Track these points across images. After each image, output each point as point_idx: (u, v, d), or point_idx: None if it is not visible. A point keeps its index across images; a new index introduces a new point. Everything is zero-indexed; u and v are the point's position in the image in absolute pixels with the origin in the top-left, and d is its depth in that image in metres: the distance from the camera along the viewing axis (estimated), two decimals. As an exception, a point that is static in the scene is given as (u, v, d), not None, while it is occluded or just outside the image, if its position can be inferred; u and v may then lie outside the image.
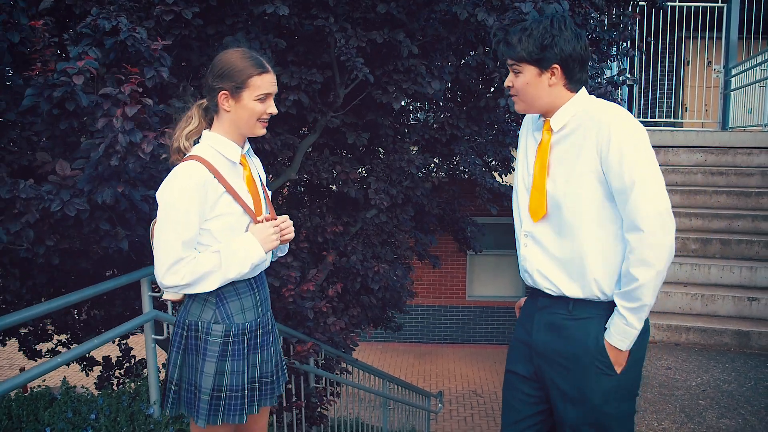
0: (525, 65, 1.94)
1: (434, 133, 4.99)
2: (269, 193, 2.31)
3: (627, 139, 1.83)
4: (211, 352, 2.08)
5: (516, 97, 2.01)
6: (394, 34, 3.85)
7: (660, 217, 1.81)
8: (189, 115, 2.15)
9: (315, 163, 4.69)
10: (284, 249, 2.39)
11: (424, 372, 11.00)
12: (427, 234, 5.94)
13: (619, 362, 1.95)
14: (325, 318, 4.84)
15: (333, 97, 4.34)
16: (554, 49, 1.91)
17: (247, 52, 2.08)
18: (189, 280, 1.98)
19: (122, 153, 2.55)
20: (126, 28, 2.64)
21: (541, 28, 1.91)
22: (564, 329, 1.99)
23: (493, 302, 12.39)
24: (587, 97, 2.00)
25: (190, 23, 3.29)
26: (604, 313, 1.96)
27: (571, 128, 1.95)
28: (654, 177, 1.83)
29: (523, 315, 2.20)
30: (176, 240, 1.96)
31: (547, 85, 1.95)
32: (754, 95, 8.13)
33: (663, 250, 1.81)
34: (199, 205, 1.98)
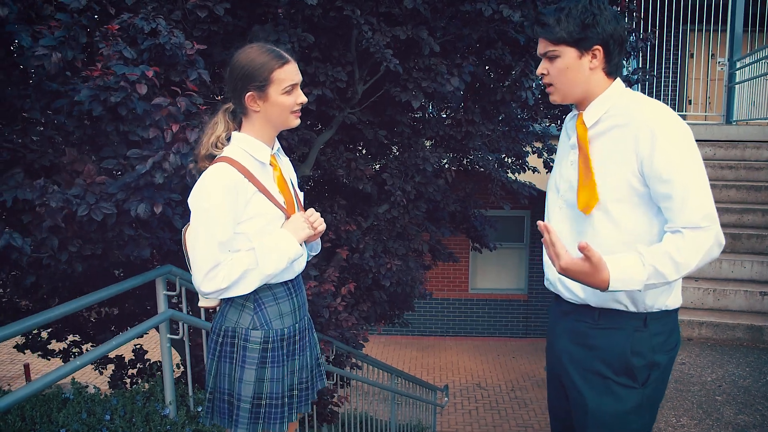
0: (564, 47, 1.81)
1: (449, 130, 4.97)
2: (300, 194, 2.26)
3: (672, 142, 1.71)
4: (251, 359, 2.04)
5: (552, 87, 1.89)
6: (417, 31, 3.81)
7: (705, 220, 1.70)
8: (215, 120, 2.08)
9: (329, 159, 4.67)
10: (317, 248, 2.34)
11: (427, 365, 11.02)
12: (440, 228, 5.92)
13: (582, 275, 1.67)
14: (337, 314, 4.84)
15: (351, 93, 4.31)
16: (596, 28, 1.79)
17: (263, 46, 2.01)
18: (228, 283, 1.93)
19: (170, 173, 2.50)
20: (165, 32, 2.59)
21: (580, 7, 1.79)
22: (589, 338, 1.89)
23: (497, 295, 12.40)
24: (623, 88, 1.88)
25: (220, 19, 3.25)
26: (634, 324, 1.84)
27: (606, 125, 1.84)
28: (701, 181, 1.72)
29: (550, 319, 2.12)
30: (212, 244, 1.91)
31: (587, 68, 1.83)
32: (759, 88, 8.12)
33: (701, 251, 1.70)
34: (232, 206, 1.93)
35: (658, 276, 1.69)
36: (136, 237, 2.79)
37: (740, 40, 8.47)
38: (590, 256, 1.63)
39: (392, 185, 4.82)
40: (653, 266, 1.68)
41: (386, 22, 3.89)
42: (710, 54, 9.43)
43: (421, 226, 5.76)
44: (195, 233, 1.94)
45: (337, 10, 3.66)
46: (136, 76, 2.39)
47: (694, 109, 9.82)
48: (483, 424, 8.89)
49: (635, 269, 1.68)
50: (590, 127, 1.88)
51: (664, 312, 1.87)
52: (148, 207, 2.55)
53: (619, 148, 1.79)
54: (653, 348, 1.85)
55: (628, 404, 1.85)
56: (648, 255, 1.69)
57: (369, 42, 3.64)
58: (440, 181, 5.31)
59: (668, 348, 1.89)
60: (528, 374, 10.59)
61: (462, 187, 6.02)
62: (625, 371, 1.84)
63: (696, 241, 1.69)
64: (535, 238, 12.31)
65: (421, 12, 3.75)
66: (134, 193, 2.57)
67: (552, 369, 2.08)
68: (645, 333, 1.84)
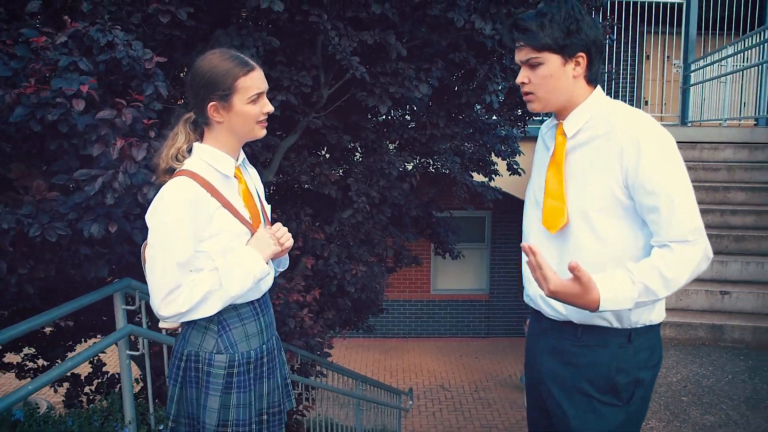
0: (547, 54, 1.73)
1: (413, 133, 4.91)
2: (267, 207, 2.13)
3: (658, 154, 1.66)
4: (215, 385, 1.91)
5: (532, 96, 1.80)
6: (384, 35, 3.74)
7: (693, 234, 1.66)
8: (174, 132, 1.93)
9: (293, 165, 4.56)
10: (285, 263, 2.21)
11: (390, 367, 10.97)
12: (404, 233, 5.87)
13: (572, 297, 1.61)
14: (302, 323, 4.75)
15: (316, 98, 4.21)
16: (580, 34, 1.72)
17: (226, 52, 1.88)
18: (189, 306, 1.80)
19: (120, 193, 2.35)
20: (122, 45, 2.43)
21: (563, 13, 1.72)
22: (571, 356, 1.82)
23: (458, 296, 12.44)
24: (603, 97, 1.82)
25: (182, 24, 3.11)
26: (618, 341, 1.78)
27: (588, 136, 1.78)
28: (688, 194, 1.67)
29: (529, 337, 2.05)
30: (171, 264, 1.78)
31: (571, 76, 1.76)
32: (712, 91, 8.32)
33: (691, 266, 1.66)
34: (194, 223, 1.80)
35: (648, 293, 1.64)
36: (92, 256, 2.64)
37: (694, 43, 8.67)
38: (580, 276, 1.57)
39: (357, 190, 4.75)
40: (643, 283, 1.63)
41: (353, 27, 3.81)
42: (666, 56, 9.61)
43: (385, 231, 5.70)
44: (153, 253, 1.80)
45: (303, 15, 3.56)
46: (72, 91, 2.22)
47: (651, 110, 9.99)
48: (447, 426, 8.88)
49: (625, 287, 1.62)
50: (571, 137, 1.82)
51: (648, 327, 1.82)
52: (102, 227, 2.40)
53: (602, 158, 1.73)
54: (638, 364, 1.80)
55: (612, 423, 1.80)
56: (637, 272, 1.64)
57: (335, 48, 3.55)
58: (405, 185, 5.25)
59: (652, 364, 1.84)
60: (491, 374, 10.64)
61: (426, 192, 5.98)
62: (609, 389, 1.79)
63: (685, 255, 1.65)
64: (496, 239, 12.39)
65: (389, 17, 3.67)
66: (86, 212, 2.41)
67: (532, 386, 2.01)
68: (629, 349, 1.79)
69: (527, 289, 1.96)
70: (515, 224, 12.23)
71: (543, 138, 1.99)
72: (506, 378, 10.47)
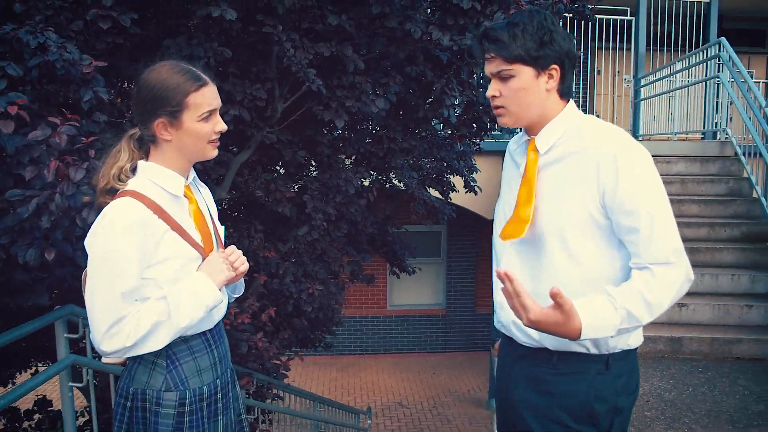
0: (520, 66, 1.64)
1: (370, 147, 4.80)
2: (221, 229, 1.97)
3: (636, 172, 1.58)
4: (165, 427, 1.74)
5: (503, 110, 1.71)
6: (341, 48, 3.62)
7: (674, 255, 1.59)
8: (117, 149, 1.77)
9: (246, 181, 4.40)
10: (240, 288, 2.05)
11: (347, 385, 10.78)
12: (360, 252, 5.74)
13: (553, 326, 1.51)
14: (256, 346, 4.57)
15: (270, 112, 4.05)
16: (554, 45, 1.64)
17: (176, 65, 1.74)
18: (134, 340, 1.62)
19: (57, 216, 2.16)
20: (55, 47, 2.24)
21: (536, 23, 1.64)
22: (547, 384, 1.73)
23: (415, 311, 12.36)
24: (577, 111, 1.75)
25: (126, 30, 2.92)
26: (596, 367, 1.69)
27: (561, 153, 1.69)
28: (668, 214, 1.61)
29: (501, 364, 1.94)
30: (114, 295, 1.61)
31: (544, 89, 1.68)
32: (661, 105, 8.51)
33: (673, 289, 1.58)
34: (139, 249, 1.63)
35: (631, 319, 1.55)
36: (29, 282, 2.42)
37: (644, 59, 8.86)
38: (562, 303, 1.47)
39: (313, 207, 4.61)
40: (626, 309, 1.54)
41: (309, 39, 3.68)
42: (616, 71, 9.80)
43: (342, 250, 5.57)
44: (94, 282, 1.63)
45: (257, 25, 3.42)
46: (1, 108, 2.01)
47: (602, 125, 10.14)
48: (407, 444, 8.76)
49: (607, 314, 1.54)
50: (544, 154, 1.72)
51: (626, 352, 1.73)
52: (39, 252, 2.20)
53: (577, 176, 1.64)
54: (616, 391, 1.71)
55: None
56: (619, 297, 1.55)
57: (291, 60, 3.42)
58: (362, 202, 5.13)
59: (630, 390, 1.76)
60: (449, 389, 10.56)
61: (382, 208, 5.87)
62: (587, 418, 1.69)
63: (667, 278, 1.57)
64: (452, 253, 12.37)
65: (346, 28, 3.57)
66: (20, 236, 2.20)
67: (504, 414, 1.90)
68: (608, 376, 1.70)
69: (499, 315, 1.86)
70: (471, 238, 12.25)
71: (512, 155, 1.90)
72: (465, 393, 10.40)
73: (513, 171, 1.86)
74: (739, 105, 6.11)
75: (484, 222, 10.79)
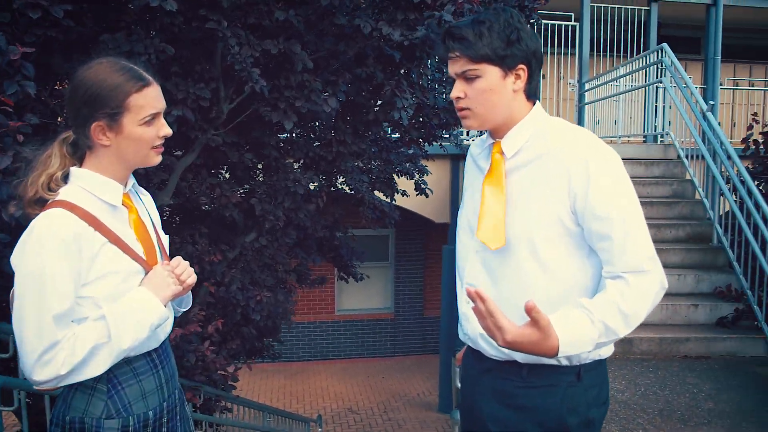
0: (486, 66, 1.57)
1: (319, 150, 4.67)
2: (165, 239, 1.81)
3: (608, 177, 1.53)
4: None
5: (468, 111, 1.62)
6: (289, 45, 3.48)
7: (649, 263, 1.52)
8: (48, 154, 1.60)
9: (191, 186, 4.20)
10: (188, 301, 1.90)
11: (296, 392, 10.58)
12: (310, 255, 5.60)
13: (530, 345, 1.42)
14: (204, 358, 4.38)
15: (216, 113, 3.87)
16: (521, 44, 1.56)
17: (116, 63, 1.58)
18: (70, 367, 1.46)
19: None
20: None
21: (502, 21, 1.56)
22: (517, 398, 1.65)
23: (363, 315, 12.27)
24: (544, 114, 1.68)
25: (59, 23, 2.71)
26: (567, 379, 1.61)
27: (529, 156, 1.62)
28: (640, 220, 1.55)
29: (466, 377, 1.85)
30: (46, 318, 1.44)
31: (511, 90, 1.60)
32: (604, 109, 8.68)
33: (649, 299, 1.52)
34: (73, 266, 1.48)
35: (608, 333, 1.48)
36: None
37: (587, 64, 9.02)
38: (538, 319, 1.38)
39: (261, 211, 4.44)
40: (603, 322, 1.47)
41: (256, 35, 3.53)
42: (560, 75, 9.95)
43: (291, 254, 5.41)
44: (22, 304, 1.46)
45: (200, 20, 3.24)
46: None
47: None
48: (357, 451, 8.64)
49: (584, 329, 1.46)
50: (511, 157, 1.65)
51: (597, 362, 1.67)
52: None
53: (547, 181, 1.57)
54: (588, 403, 1.64)
55: None
56: (595, 310, 1.48)
57: (235, 58, 3.25)
58: (311, 206, 5.00)
59: (602, 401, 1.70)
60: (399, 394, 10.49)
61: (331, 212, 5.74)
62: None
63: (642, 287, 1.51)
64: (399, 257, 12.33)
65: (294, 24, 3.43)
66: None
67: (471, 430, 1.80)
68: (579, 387, 1.63)
69: (464, 327, 1.76)
70: (418, 242, 12.24)
71: (475, 159, 1.81)
72: (415, 397, 10.35)
73: (477, 176, 1.77)
74: (681, 109, 6.24)
75: (431, 225, 10.78)
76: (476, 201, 1.72)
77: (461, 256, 1.78)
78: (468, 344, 1.78)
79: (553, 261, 1.58)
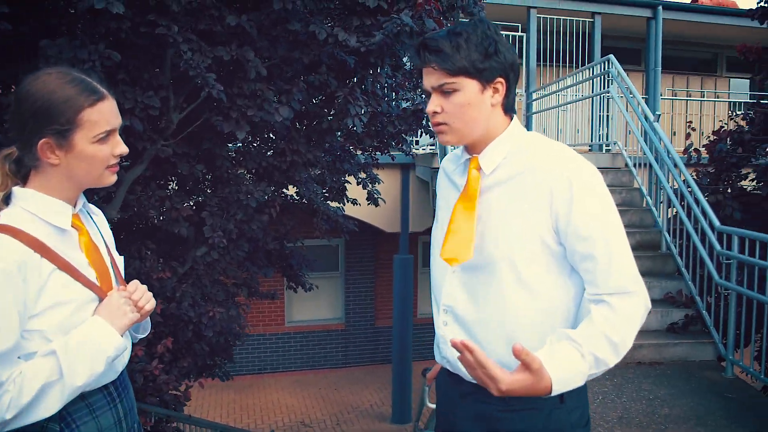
0: (464, 79, 1.50)
1: (272, 160, 4.54)
2: (120, 260, 1.68)
3: (591, 196, 1.49)
4: None
5: (445, 127, 1.55)
6: (242, 52, 3.36)
7: (633, 283, 1.48)
8: None
9: (139, 198, 4.01)
10: (147, 327, 1.77)
11: (247, 407, 10.33)
12: (261, 268, 5.44)
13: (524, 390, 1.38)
14: (154, 378, 4.19)
15: (165, 123, 3.70)
16: (499, 57, 1.51)
17: (67, 74, 1.45)
18: (17, 410, 1.33)
19: None
20: None
21: (480, 32, 1.50)
22: (499, 422, 1.59)
23: (314, 327, 12.10)
24: (521, 129, 1.63)
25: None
26: (550, 402, 1.55)
27: (508, 172, 1.56)
28: (624, 239, 1.51)
29: (443, 399, 1.77)
30: None
31: (489, 104, 1.54)
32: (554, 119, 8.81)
33: (635, 322, 1.48)
34: (18, 298, 1.34)
35: (599, 364, 1.45)
36: None
37: (534, 73, 9.14)
38: (530, 362, 1.33)
39: (212, 224, 4.28)
40: (593, 354, 1.43)
41: (207, 42, 3.39)
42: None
43: (242, 267, 5.25)
44: None
45: (149, 26, 3.09)
46: None
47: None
48: (311, 466, 8.48)
49: (575, 364, 1.42)
50: (489, 174, 1.59)
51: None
52: None
53: (527, 200, 1.52)
54: (572, 424, 1.60)
55: None
56: (584, 342, 1.43)
57: (188, 64, 3.11)
58: (264, 218, 4.86)
59: (584, 422, 1.65)
60: (352, 405, 10.37)
61: (284, 224, 5.61)
62: None
63: (627, 310, 1.47)
64: (350, 266, 12.23)
65: (247, 30, 3.31)
66: None
67: None
68: (563, 410, 1.58)
69: (442, 351, 1.69)
70: (369, 251, 12.17)
71: (449, 175, 1.75)
72: (367, 408, 10.25)
73: (450, 192, 1.71)
74: (628, 118, 6.37)
75: (382, 235, 10.74)
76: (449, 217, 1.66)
77: (437, 276, 1.72)
78: (446, 367, 1.71)
79: (534, 280, 1.53)
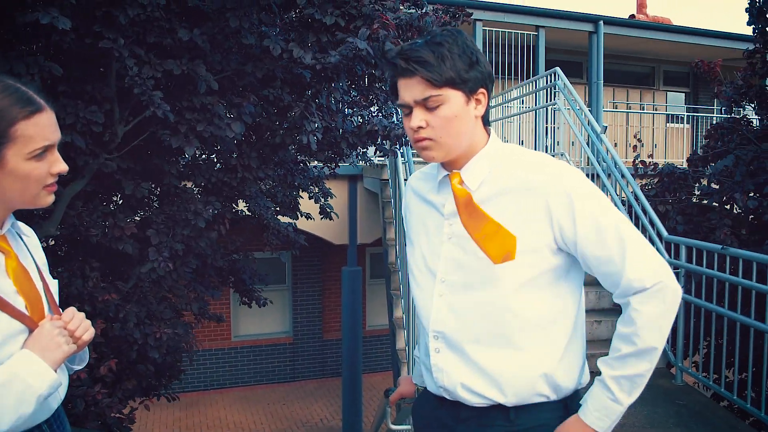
0: (450, 91, 1.45)
1: (222, 176, 4.40)
2: (53, 284, 1.55)
3: (591, 203, 1.47)
4: None
5: (430, 142, 1.49)
6: (193, 66, 3.23)
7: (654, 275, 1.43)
8: None
9: (80, 215, 3.81)
10: (84, 357, 1.65)
11: (193, 425, 10.03)
12: (209, 288, 5.26)
13: None
14: (96, 403, 3.98)
15: (109, 136, 3.52)
16: (480, 67, 1.47)
17: (0, 81, 1.36)
18: None
19: None
20: None
21: (460, 42, 1.46)
22: None
23: (261, 340, 11.87)
24: (500, 143, 1.60)
25: None
26: (557, 414, 1.53)
27: (494, 188, 1.52)
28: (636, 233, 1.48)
29: (425, 423, 1.70)
30: None
31: (473, 117, 1.51)
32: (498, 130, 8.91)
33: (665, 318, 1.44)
34: None
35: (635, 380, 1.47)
36: None
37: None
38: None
39: (158, 243, 4.10)
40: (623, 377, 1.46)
41: (157, 55, 3.25)
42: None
43: (189, 287, 5.07)
44: None
45: (94, 37, 2.94)
46: None
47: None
48: (260, 485, 8.27)
49: (606, 401, 1.48)
50: (474, 190, 1.54)
51: (578, 390, 1.61)
52: None
53: (520, 215, 1.49)
54: None
55: None
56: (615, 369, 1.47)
57: (133, 81, 2.97)
58: (213, 234, 4.70)
59: None
60: (301, 420, 10.20)
61: (234, 240, 5.46)
62: None
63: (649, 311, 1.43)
64: (297, 279, 12.07)
65: (199, 44, 3.19)
66: None
67: None
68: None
69: (438, 380, 1.61)
70: (316, 264, 12.04)
71: (422, 195, 1.68)
72: (317, 423, 10.10)
73: (428, 213, 1.65)
74: (575, 130, 6.48)
75: (329, 247, 10.63)
76: (435, 243, 1.60)
77: (423, 302, 1.64)
78: (446, 396, 1.62)
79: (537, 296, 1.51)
